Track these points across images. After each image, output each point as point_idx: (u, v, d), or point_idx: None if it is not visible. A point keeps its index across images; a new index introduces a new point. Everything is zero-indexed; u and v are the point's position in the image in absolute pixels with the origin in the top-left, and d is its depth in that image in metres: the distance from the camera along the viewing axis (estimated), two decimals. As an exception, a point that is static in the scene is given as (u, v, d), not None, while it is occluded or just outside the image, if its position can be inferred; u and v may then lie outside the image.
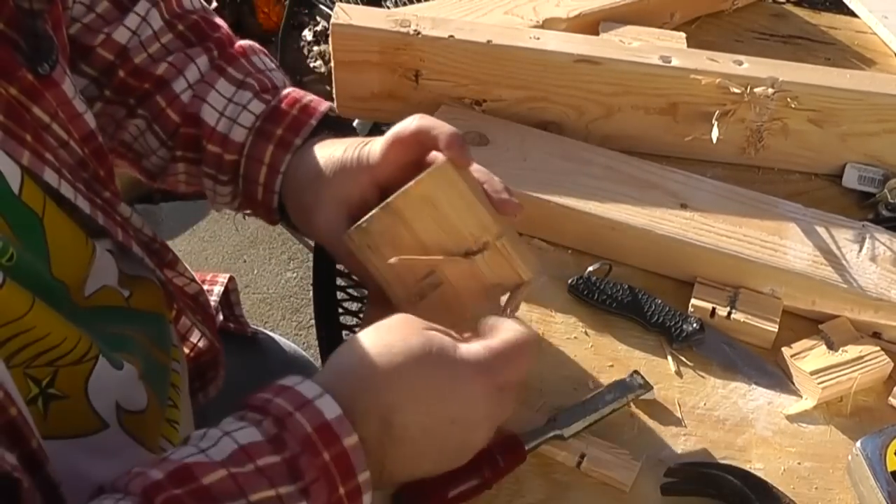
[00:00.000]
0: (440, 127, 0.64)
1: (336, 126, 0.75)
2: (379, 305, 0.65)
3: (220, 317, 0.92)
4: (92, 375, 0.60)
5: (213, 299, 0.90)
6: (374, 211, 0.64)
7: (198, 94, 0.74)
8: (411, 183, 0.63)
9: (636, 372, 0.70)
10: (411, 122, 0.65)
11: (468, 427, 0.56)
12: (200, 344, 0.82)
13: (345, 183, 0.67)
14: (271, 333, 0.98)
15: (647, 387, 0.70)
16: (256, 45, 0.79)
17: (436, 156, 0.64)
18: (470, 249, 0.64)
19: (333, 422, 0.51)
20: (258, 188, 0.73)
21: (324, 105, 0.75)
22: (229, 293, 0.93)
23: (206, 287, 0.90)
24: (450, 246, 0.64)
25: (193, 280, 0.80)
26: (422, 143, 0.64)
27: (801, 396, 0.73)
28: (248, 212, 0.79)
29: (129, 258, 0.69)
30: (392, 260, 0.64)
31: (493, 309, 0.64)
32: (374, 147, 0.66)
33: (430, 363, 0.55)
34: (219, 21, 0.80)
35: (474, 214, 0.63)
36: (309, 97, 0.75)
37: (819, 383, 0.71)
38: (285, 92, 0.75)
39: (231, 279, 0.93)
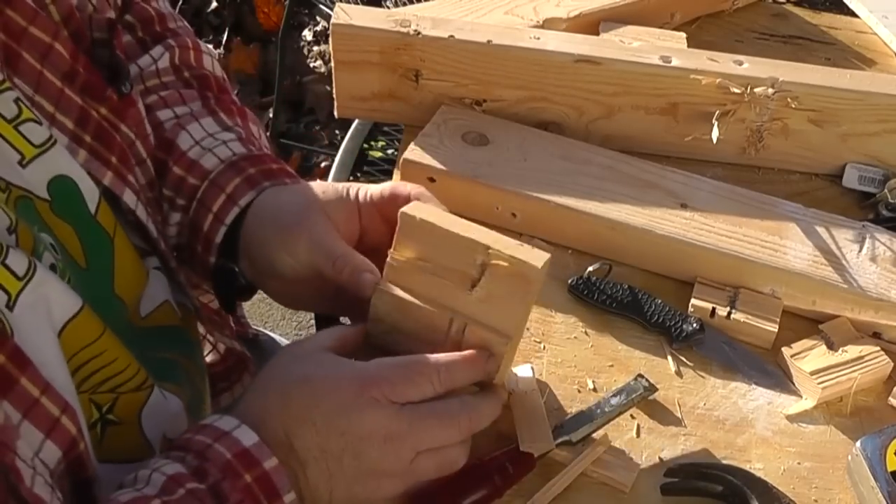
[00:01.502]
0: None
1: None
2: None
3: None
4: (147, 404, 0.61)
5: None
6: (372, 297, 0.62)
7: (180, 123, 0.73)
8: (388, 256, 0.61)
9: (641, 375, 0.71)
10: (411, 188, 0.67)
11: (360, 439, 0.56)
12: (220, 350, 0.83)
13: (338, 210, 0.67)
14: (272, 334, 0.98)
15: (652, 389, 0.70)
16: (254, 116, 0.79)
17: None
18: (473, 280, 0.61)
19: (252, 448, 0.54)
20: (208, 217, 0.70)
21: (290, 178, 0.72)
22: None
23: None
24: (454, 288, 0.61)
25: (209, 291, 0.80)
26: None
27: (801, 396, 0.73)
28: (183, 259, 0.75)
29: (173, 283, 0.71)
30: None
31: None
32: (372, 189, 0.68)
33: (317, 381, 0.57)
34: (229, 87, 0.80)
35: (455, 242, 0.60)
36: (285, 165, 0.74)
37: (819, 383, 0.71)
38: (266, 153, 0.74)
39: None
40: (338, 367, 0.58)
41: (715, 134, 0.87)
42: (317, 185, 0.69)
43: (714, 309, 0.76)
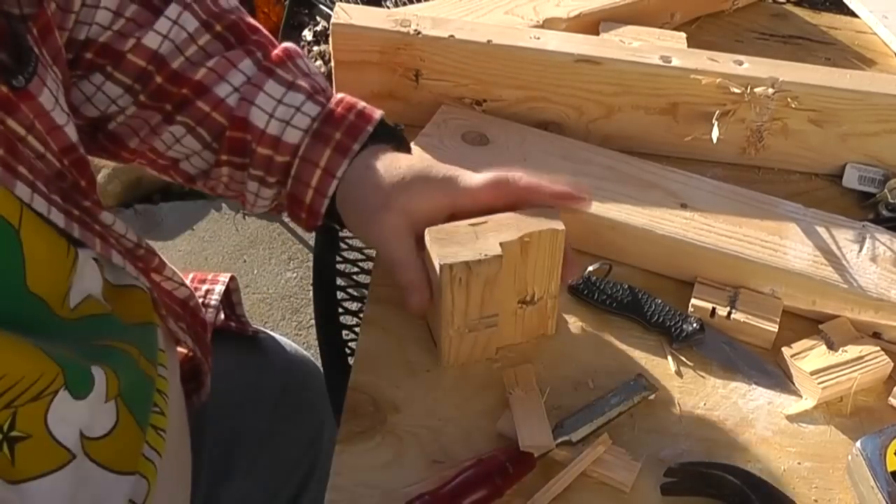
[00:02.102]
0: (549, 187, 0.69)
1: (388, 133, 0.75)
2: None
3: (222, 316, 0.92)
4: (50, 409, 0.57)
5: (215, 299, 0.90)
6: (481, 253, 0.66)
7: (245, 96, 0.73)
8: (524, 233, 0.67)
9: (640, 375, 0.71)
10: (521, 176, 0.69)
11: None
12: (188, 343, 0.81)
13: (423, 195, 0.69)
14: (272, 333, 0.98)
15: (651, 388, 0.70)
16: (295, 47, 0.78)
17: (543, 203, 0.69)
18: (524, 299, 0.71)
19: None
20: (308, 191, 0.72)
21: (378, 112, 0.74)
22: (231, 293, 0.93)
23: (206, 287, 0.90)
24: (512, 292, 0.70)
25: (183, 284, 0.79)
26: (525, 199, 0.69)
27: (801, 396, 0.73)
28: (284, 214, 0.78)
29: (113, 267, 0.68)
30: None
31: None
32: (468, 178, 0.69)
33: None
34: (256, 23, 0.78)
35: (550, 277, 0.70)
36: (362, 103, 0.75)
37: (819, 383, 0.72)
38: (339, 96, 0.75)
39: (232, 279, 0.93)
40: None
41: (715, 134, 0.87)
42: (412, 164, 0.71)
43: (714, 309, 0.76)
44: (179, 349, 0.81)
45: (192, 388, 0.82)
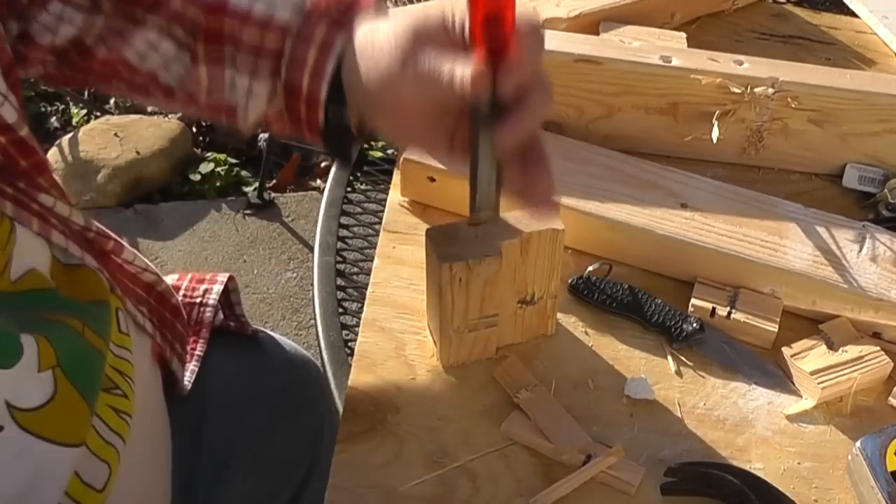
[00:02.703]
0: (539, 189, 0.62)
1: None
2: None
3: (221, 316, 0.92)
4: None
5: (213, 298, 0.90)
6: (482, 253, 0.66)
7: None
8: (524, 233, 0.66)
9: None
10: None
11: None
12: (145, 327, 0.78)
13: (440, 37, 0.61)
14: (272, 333, 0.98)
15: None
16: None
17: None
18: (524, 299, 0.71)
19: None
20: (304, 76, 0.65)
21: None
22: (230, 293, 0.93)
23: (204, 286, 0.90)
24: (512, 292, 0.70)
25: (148, 269, 0.76)
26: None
27: (800, 396, 0.73)
28: (284, 128, 0.70)
29: (61, 246, 0.65)
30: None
31: None
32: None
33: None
34: None
35: (550, 277, 0.70)
36: None
37: (819, 383, 0.72)
38: None
39: (231, 278, 0.93)
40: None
41: (715, 134, 0.87)
42: (412, 13, 0.63)
43: (714, 309, 0.76)
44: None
45: (173, 381, 0.81)
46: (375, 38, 0.62)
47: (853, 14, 1.17)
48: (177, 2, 0.67)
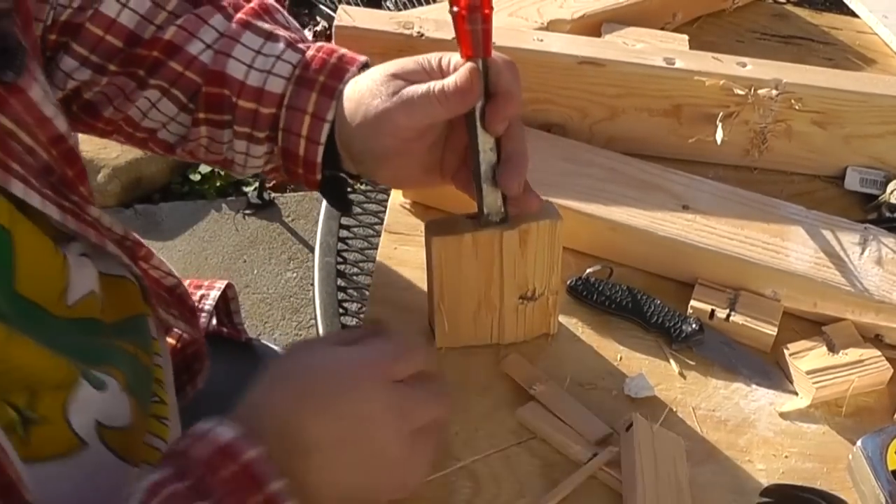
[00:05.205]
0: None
1: None
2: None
3: (214, 321, 0.92)
4: (71, 398, 0.58)
5: (209, 304, 0.89)
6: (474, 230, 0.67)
7: (220, 50, 0.70)
8: (522, 224, 0.67)
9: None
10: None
11: (363, 420, 0.56)
12: (185, 335, 0.81)
13: (415, 74, 0.66)
14: (266, 342, 0.98)
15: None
16: (273, 2, 0.75)
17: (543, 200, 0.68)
18: (524, 295, 0.71)
19: (231, 441, 0.53)
20: (300, 141, 0.69)
21: (361, 57, 0.71)
22: (228, 301, 0.93)
23: (202, 292, 0.90)
24: (513, 287, 0.70)
25: (171, 274, 0.78)
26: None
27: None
28: (281, 178, 0.75)
29: (103, 257, 0.67)
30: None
31: None
32: (455, 58, 0.66)
33: (316, 369, 0.57)
34: None
35: (550, 271, 0.70)
36: (342, 49, 0.72)
37: (814, 383, 0.72)
38: (319, 44, 0.71)
39: (230, 286, 0.92)
40: (336, 354, 0.58)
41: (719, 136, 0.87)
42: (392, 63, 0.68)
43: (713, 311, 0.76)
44: (170, 339, 0.81)
45: (186, 380, 0.82)
46: (359, 92, 0.67)
47: (854, 14, 1.17)
48: (177, 65, 0.71)
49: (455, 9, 0.61)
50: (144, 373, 0.69)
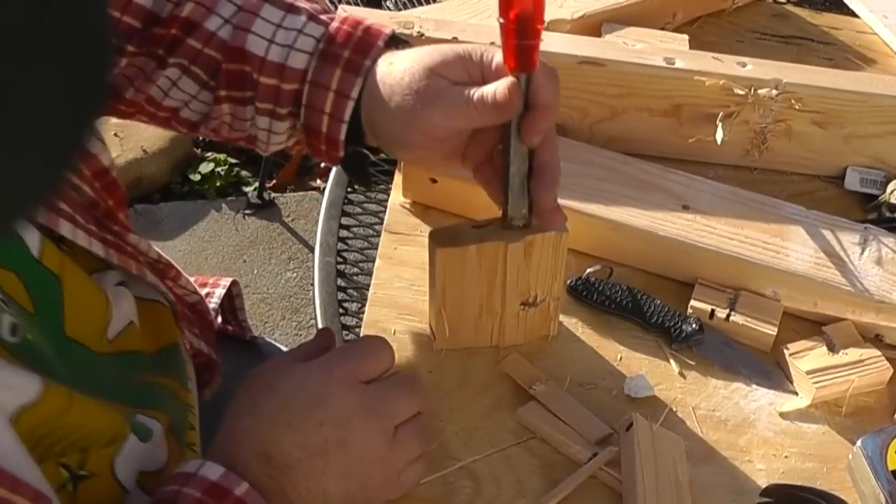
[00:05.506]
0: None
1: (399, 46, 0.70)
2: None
3: (220, 319, 0.92)
4: (119, 454, 0.59)
5: (214, 302, 0.90)
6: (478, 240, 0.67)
7: (239, 25, 0.68)
8: (528, 235, 0.67)
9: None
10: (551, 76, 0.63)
11: (341, 425, 0.56)
12: (201, 348, 0.82)
13: (458, 72, 0.64)
14: (270, 340, 0.98)
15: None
16: None
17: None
18: (526, 301, 0.71)
19: (219, 480, 0.53)
20: (323, 118, 0.67)
21: (387, 28, 0.69)
22: (233, 298, 0.93)
23: (207, 290, 0.90)
24: (515, 294, 0.70)
25: (195, 292, 0.79)
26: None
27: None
28: (303, 150, 0.73)
29: (139, 283, 0.68)
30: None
31: None
32: (497, 56, 0.64)
33: (281, 385, 0.57)
34: None
35: (553, 279, 0.70)
36: (368, 20, 0.69)
37: (814, 382, 0.72)
38: (343, 14, 0.69)
39: (235, 283, 0.92)
40: (302, 370, 0.59)
41: (719, 136, 0.87)
42: (428, 50, 0.65)
43: (713, 311, 0.76)
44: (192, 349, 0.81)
45: (205, 381, 0.82)
46: (393, 78, 0.65)
47: (853, 14, 1.17)
48: (196, 42, 0.69)
49: (502, 20, 0.59)
50: (183, 409, 0.69)
